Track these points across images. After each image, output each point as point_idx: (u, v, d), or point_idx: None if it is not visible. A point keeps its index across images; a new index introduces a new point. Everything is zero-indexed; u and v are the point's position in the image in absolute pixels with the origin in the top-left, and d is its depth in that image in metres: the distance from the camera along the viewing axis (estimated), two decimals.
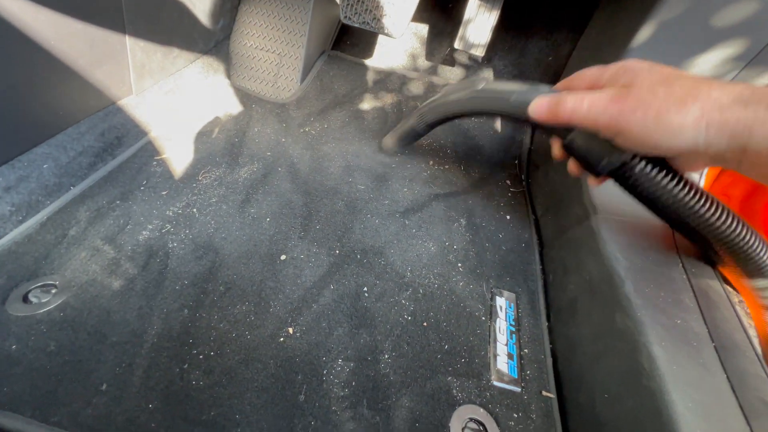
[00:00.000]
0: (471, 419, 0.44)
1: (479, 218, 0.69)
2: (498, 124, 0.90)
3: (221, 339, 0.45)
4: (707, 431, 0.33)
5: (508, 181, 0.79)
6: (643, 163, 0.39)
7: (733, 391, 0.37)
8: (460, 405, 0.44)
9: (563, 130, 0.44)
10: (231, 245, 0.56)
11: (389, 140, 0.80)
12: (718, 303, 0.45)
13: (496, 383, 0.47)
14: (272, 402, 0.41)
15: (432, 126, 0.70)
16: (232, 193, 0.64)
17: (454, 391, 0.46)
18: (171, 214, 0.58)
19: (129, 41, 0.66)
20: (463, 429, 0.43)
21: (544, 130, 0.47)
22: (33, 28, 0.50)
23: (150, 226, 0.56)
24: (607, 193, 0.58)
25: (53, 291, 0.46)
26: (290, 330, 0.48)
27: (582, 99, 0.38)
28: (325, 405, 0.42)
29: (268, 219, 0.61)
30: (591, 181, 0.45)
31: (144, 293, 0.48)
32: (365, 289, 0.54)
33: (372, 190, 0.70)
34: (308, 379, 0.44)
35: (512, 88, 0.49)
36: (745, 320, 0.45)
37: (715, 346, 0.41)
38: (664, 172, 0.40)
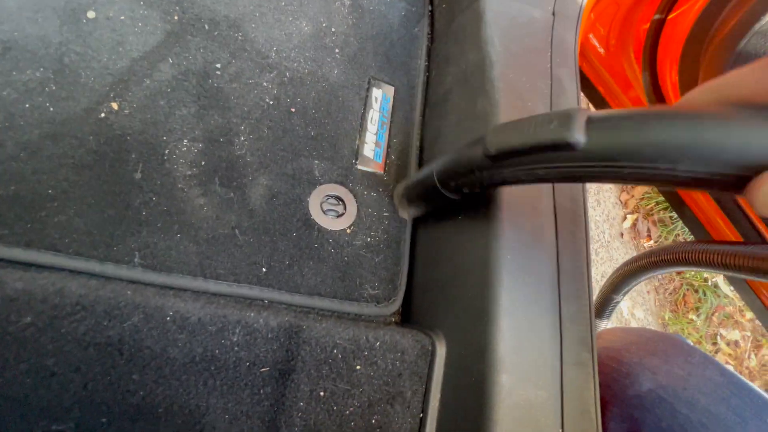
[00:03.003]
0: (330, 195, 0.45)
1: (367, 1, 0.59)
2: None
3: (8, 109, 0.35)
4: (521, 215, 0.39)
5: None
6: None
7: (553, 192, 0.42)
8: (321, 184, 0.45)
9: None
10: None
11: (401, 190, 0.48)
12: (568, 89, 0.48)
13: (359, 167, 0.48)
14: (98, 179, 0.36)
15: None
16: None
17: (316, 172, 0.46)
18: None
19: None
20: (321, 203, 0.45)
21: None
22: None
23: None
24: None
25: None
26: (114, 105, 0.39)
27: None
28: (169, 183, 0.39)
29: None
30: None
31: None
32: (217, 66, 0.45)
33: None
34: (145, 157, 0.39)
35: None
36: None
37: None
38: None
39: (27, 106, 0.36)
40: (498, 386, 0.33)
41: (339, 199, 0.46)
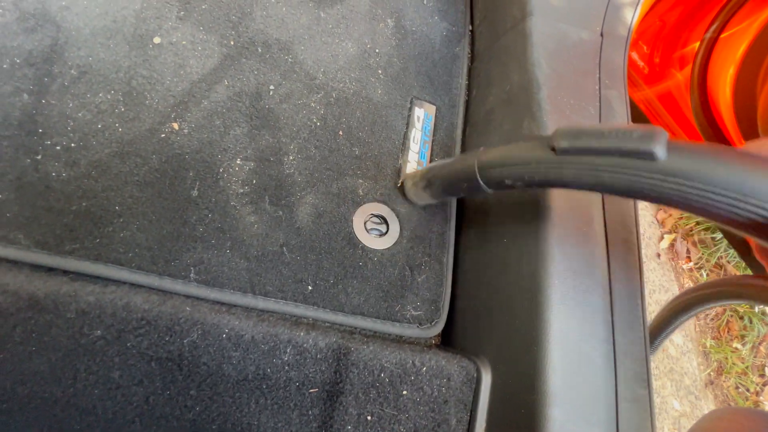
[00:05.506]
0: (373, 214, 0.46)
1: (409, 21, 0.60)
2: None
3: (83, 130, 0.37)
4: (571, 240, 0.38)
5: None
6: None
7: (603, 217, 0.41)
8: (364, 203, 0.46)
9: None
10: (79, 18, 0.42)
11: (410, 183, 0.47)
12: (617, 112, 0.47)
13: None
14: (159, 196, 0.38)
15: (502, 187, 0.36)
16: None
17: (360, 191, 0.46)
18: None
19: None
20: (365, 222, 0.45)
21: None
22: None
23: None
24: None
25: None
26: (175, 125, 0.41)
27: None
28: (223, 200, 0.40)
29: None
30: None
31: None
32: (271, 87, 0.47)
33: None
34: (201, 176, 0.40)
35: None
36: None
37: None
38: None
39: (99, 126, 0.38)
40: (550, 421, 0.32)
41: (382, 218, 0.46)
